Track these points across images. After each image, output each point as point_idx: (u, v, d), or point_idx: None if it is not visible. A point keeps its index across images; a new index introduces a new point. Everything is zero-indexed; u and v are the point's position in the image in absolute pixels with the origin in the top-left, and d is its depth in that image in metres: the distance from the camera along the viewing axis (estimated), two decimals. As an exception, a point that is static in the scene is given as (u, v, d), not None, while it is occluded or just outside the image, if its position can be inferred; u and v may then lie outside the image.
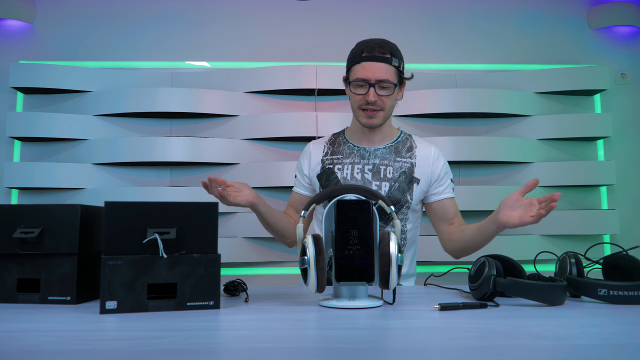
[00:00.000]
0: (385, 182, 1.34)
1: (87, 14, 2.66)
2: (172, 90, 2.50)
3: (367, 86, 1.29)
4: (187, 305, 0.86)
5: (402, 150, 1.40)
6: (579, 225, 2.51)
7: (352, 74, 1.32)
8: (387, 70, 1.28)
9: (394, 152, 1.39)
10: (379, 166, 1.36)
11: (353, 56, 1.34)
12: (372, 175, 1.35)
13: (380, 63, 1.28)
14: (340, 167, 1.39)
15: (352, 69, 1.32)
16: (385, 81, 1.28)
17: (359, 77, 1.29)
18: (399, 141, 1.42)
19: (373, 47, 1.29)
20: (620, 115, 2.70)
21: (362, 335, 0.67)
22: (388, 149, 1.40)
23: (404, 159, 1.38)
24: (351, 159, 1.38)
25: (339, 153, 1.41)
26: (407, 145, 1.41)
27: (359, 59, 1.30)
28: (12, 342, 0.64)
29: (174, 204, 0.89)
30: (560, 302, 0.89)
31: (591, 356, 0.57)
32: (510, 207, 1.16)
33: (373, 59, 1.28)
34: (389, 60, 1.29)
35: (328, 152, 1.43)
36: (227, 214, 2.41)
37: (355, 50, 1.34)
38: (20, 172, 2.41)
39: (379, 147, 1.40)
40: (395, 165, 1.37)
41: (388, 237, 0.88)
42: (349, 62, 1.36)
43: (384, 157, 1.38)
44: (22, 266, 0.94)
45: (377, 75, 1.28)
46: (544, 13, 2.78)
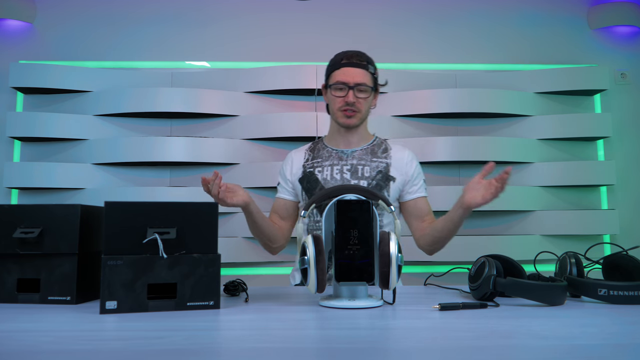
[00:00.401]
0: (363, 181, 1.43)
1: (87, 14, 2.66)
2: (172, 90, 2.50)
3: (346, 89, 1.41)
4: (187, 305, 0.86)
5: (378, 151, 1.51)
6: (579, 225, 2.51)
7: (332, 79, 1.45)
8: (364, 75, 1.43)
9: (370, 153, 1.50)
10: (357, 166, 1.46)
11: (332, 64, 1.47)
12: (351, 174, 1.44)
13: (358, 69, 1.43)
14: (320, 169, 1.48)
15: (332, 75, 1.45)
16: (363, 84, 1.42)
17: (339, 80, 1.41)
18: (374, 144, 1.53)
19: (352, 56, 1.44)
20: (620, 115, 2.70)
21: (362, 335, 0.67)
22: (364, 150, 1.50)
23: (380, 159, 1.49)
24: (330, 161, 1.48)
25: (318, 157, 1.51)
26: (383, 148, 1.53)
27: (338, 66, 1.43)
28: (12, 342, 0.64)
29: (174, 204, 0.89)
30: (560, 302, 0.89)
31: (591, 356, 0.57)
32: (472, 189, 1.25)
33: (352, 65, 1.42)
34: (366, 67, 1.45)
35: (309, 158, 1.53)
36: (227, 214, 2.41)
37: (334, 59, 1.47)
38: (20, 172, 2.41)
39: (356, 149, 1.50)
40: (372, 165, 1.46)
41: (388, 237, 0.88)
42: (328, 69, 1.48)
43: (361, 157, 1.48)
44: (22, 266, 0.94)
45: (355, 79, 1.41)
46: (544, 13, 2.78)
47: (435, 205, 2.46)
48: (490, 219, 2.57)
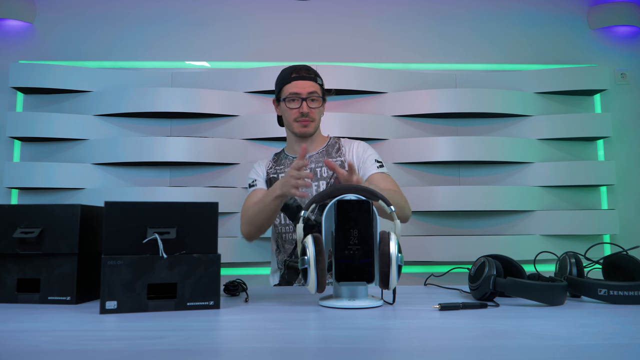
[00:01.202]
0: (322, 181, 1.56)
1: (87, 14, 2.66)
2: (172, 90, 2.50)
3: (299, 100, 1.53)
4: (187, 305, 0.86)
5: (332, 152, 1.64)
6: (579, 225, 2.51)
7: (284, 92, 1.56)
8: (314, 85, 1.55)
9: (325, 155, 1.63)
10: (315, 169, 1.59)
11: (282, 79, 1.58)
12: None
13: (308, 81, 1.55)
14: (283, 175, 1.59)
15: (284, 89, 1.56)
16: (314, 94, 1.54)
17: (292, 91, 1.53)
18: (329, 145, 1.67)
19: (300, 69, 1.56)
20: (620, 115, 2.70)
21: (362, 335, 0.67)
22: (320, 153, 1.64)
23: (334, 159, 1.61)
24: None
25: (280, 164, 1.66)
26: (336, 147, 1.66)
27: (289, 80, 1.55)
28: (12, 342, 0.64)
29: (174, 204, 0.89)
30: (560, 302, 0.89)
31: (591, 356, 0.57)
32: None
33: (302, 78, 1.54)
34: (315, 79, 1.58)
35: (272, 166, 1.68)
36: (227, 214, 2.41)
37: (283, 74, 1.59)
38: (20, 172, 2.41)
39: (312, 153, 1.64)
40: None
41: (388, 237, 0.88)
42: (279, 84, 1.59)
43: (318, 160, 1.61)
44: (22, 266, 0.94)
45: (307, 89, 1.53)
46: (544, 13, 2.78)
47: (435, 205, 2.48)
48: (490, 219, 2.57)
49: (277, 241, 1.63)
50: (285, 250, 1.59)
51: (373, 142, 2.56)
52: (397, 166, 2.55)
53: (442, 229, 2.57)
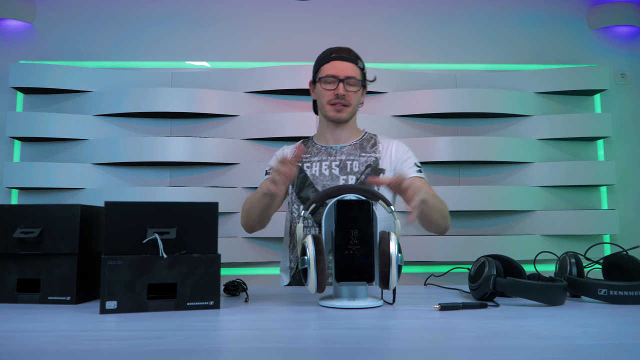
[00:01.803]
0: (351, 176, 1.44)
1: (87, 14, 2.66)
2: (172, 90, 2.50)
3: (336, 82, 1.42)
4: (187, 305, 0.86)
5: (367, 146, 1.51)
6: (579, 225, 2.51)
7: (321, 73, 1.45)
8: (354, 69, 1.43)
9: (359, 148, 1.50)
10: (345, 161, 1.47)
11: (321, 58, 1.48)
12: (340, 170, 1.45)
13: (347, 62, 1.43)
14: (309, 164, 1.49)
15: (321, 69, 1.46)
16: (353, 78, 1.42)
17: (329, 73, 1.42)
18: (363, 139, 1.53)
19: (341, 50, 1.46)
20: (620, 115, 2.70)
21: (362, 335, 0.67)
22: (353, 146, 1.50)
23: (369, 154, 1.49)
24: (319, 157, 1.49)
25: (307, 153, 1.53)
26: (372, 142, 1.52)
27: (328, 60, 1.45)
28: (12, 342, 0.64)
29: (174, 204, 0.89)
30: (560, 302, 0.89)
31: (591, 356, 0.57)
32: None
33: (341, 59, 1.43)
34: (355, 62, 1.45)
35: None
36: (227, 214, 2.41)
37: (323, 54, 1.49)
38: (20, 172, 2.42)
39: (344, 144, 1.51)
40: (360, 160, 1.47)
41: (388, 237, 0.88)
42: (317, 64, 1.49)
43: (350, 153, 1.49)
44: (22, 266, 0.94)
45: (345, 72, 1.42)
46: (544, 13, 2.78)
47: (435, 205, 2.47)
48: (490, 219, 2.57)
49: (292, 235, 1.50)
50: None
51: (373, 142, 2.56)
52: (397, 166, 2.55)
53: (442, 229, 2.57)
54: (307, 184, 1.45)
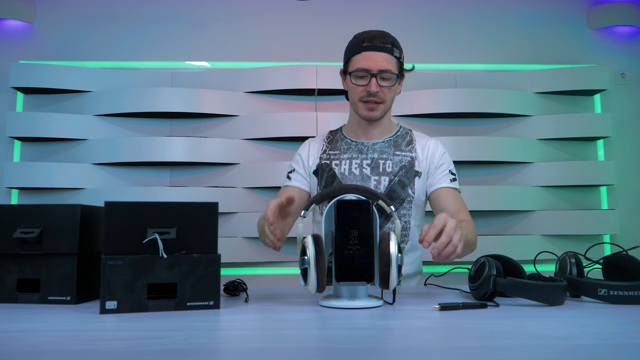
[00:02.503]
0: (384, 177, 1.31)
1: (87, 14, 2.66)
2: (172, 90, 2.50)
3: (368, 77, 1.26)
4: (187, 305, 0.86)
5: (402, 144, 1.37)
6: (579, 225, 2.51)
7: (352, 65, 1.28)
8: (388, 60, 1.25)
9: (393, 145, 1.36)
10: (378, 160, 1.33)
11: (353, 46, 1.29)
12: (371, 170, 1.32)
13: (382, 53, 1.25)
14: (337, 162, 1.35)
15: (352, 60, 1.28)
16: (387, 71, 1.25)
17: (360, 67, 1.25)
18: (398, 135, 1.39)
19: (374, 37, 1.26)
20: (620, 115, 2.70)
21: (362, 335, 0.67)
22: (387, 142, 1.36)
23: (404, 153, 1.35)
24: (349, 154, 1.36)
25: (336, 149, 1.38)
26: (407, 140, 1.38)
27: (359, 49, 1.26)
28: (12, 342, 0.64)
29: (174, 204, 0.89)
30: (560, 302, 0.89)
31: (591, 356, 0.57)
32: None
33: (374, 49, 1.25)
34: (391, 51, 1.26)
35: (326, 149, 1.39)
36: (227, 214, 2.41)
37: (355, 40, 1.30)
38: (20, 172, 2.41)
39: (377, 141, 1.36)
40: (394, 159, 1.34)
41: (388, 237, 0.87)
42: (348, 52, 1.31)
43: (383, 151, 1.34)
44: (22, 266, 0.94)
45: (379, 65, 1.24)
46: (544, 13, 2.78)
47: (435, 205, 2.47)
48: (490, 219, 2.57)
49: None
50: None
51: (373, 142, 2.56)
52: (397, 166, 2.56)
53: (442, 229, 2.57)
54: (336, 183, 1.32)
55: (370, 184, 1.31)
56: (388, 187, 1.31)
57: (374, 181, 1.31)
